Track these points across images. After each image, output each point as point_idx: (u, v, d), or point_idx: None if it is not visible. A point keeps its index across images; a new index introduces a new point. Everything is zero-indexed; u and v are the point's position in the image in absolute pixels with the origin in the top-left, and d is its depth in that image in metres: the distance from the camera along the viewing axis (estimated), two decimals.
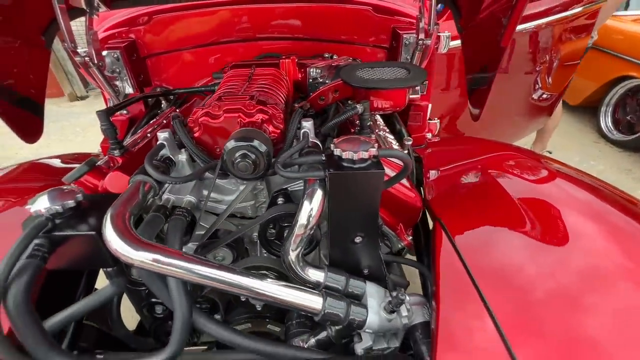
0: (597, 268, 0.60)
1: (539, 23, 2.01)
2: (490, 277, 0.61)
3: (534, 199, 0.79)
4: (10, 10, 0.91)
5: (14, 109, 0.96)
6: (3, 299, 0.50)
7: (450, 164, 1.08)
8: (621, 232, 0.68)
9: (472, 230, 0.73)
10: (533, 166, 0.96)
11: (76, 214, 0.58)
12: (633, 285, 0.57)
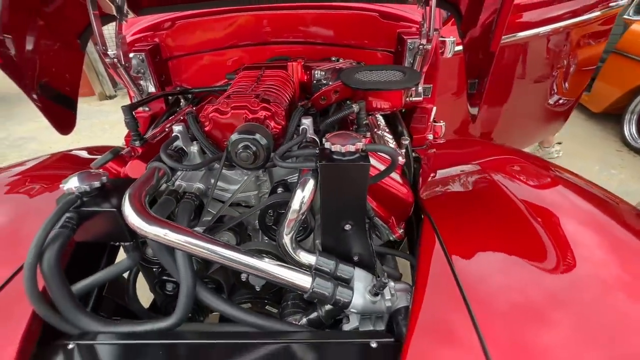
0: (583, 272, 0.61)
1: (556, 27, 1.99)
2: (472, 272, 0.64)
3: (528, 202, 0.79)
4: (52, 16, 1.03)
5: (52, 104, 1.07)
6: (39, 261, 0.59)
7: (449, 164, 1.12)
8: (614, 242, 0.68)
9: (460, 227, 0.76)
10: (532, 171, 0.97)
11: (101, 194, 0.67)
12: (609, 293, 0.58)
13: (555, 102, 2.50)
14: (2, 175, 1.02)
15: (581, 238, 0.70)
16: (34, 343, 0.59)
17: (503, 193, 0.84)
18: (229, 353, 0.59)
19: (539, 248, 0.67)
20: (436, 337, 0.55)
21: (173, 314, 0.65)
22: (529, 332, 0.52)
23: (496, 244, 0.70)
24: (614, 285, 0.59)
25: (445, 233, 0.73)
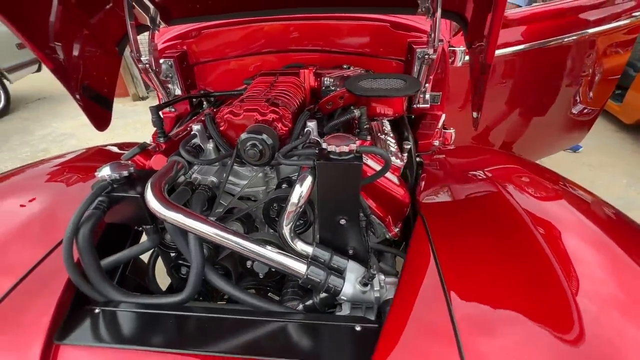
0: (573, 288, 0.60)
1: (582, 34, 1.94)
2: (456, 269, 0.67)
3: (527, 212, 0.79)
4: (95, 26, 1.17)
5: (91, 103, 1.21)
6: (75, 236, 0.70)
7: (452, 170, 1.15)
8: (612, 262, 0.67)
9: (452, 229, 0.79)
10: (537, 182, 0.95)
11: (128, 182, 0.77)
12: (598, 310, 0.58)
13: (580, 111, 2.43)
14: (45, 166, 1.16)
15: (577, 253, 0.69)
16: (67, 306, 0.70)
17: (501, 201, 0.85)
18: (228, 325, 0.67)
19: (528, 257, 0.68)
20: (412, 324, 0.60)
21: (184, 290, 0.74)
22: (502, 329, 0.55)
23: (485, 248, 0.73)
24: (606, 304, 0.58)
25: (436, 233, 0.78)
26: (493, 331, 0.56)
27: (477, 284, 0.64)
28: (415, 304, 0.63)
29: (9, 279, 0.70)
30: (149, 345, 0.63)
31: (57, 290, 0.70)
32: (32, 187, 1.03)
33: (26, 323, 0.64)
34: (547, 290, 0.61)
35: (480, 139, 2.34)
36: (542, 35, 1.81)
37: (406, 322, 0.60)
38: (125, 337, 0.66)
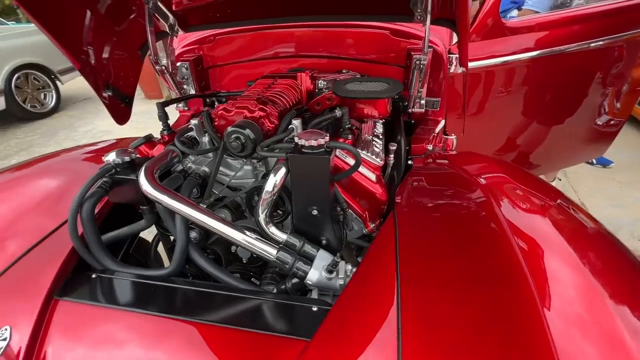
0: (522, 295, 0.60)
1: (613, 39, 1.82)
2: (414, 267, 0.68)
3: (508, 222, 0.77)
4: (121, 33, 1.32)
5: (115, 100, 1.36)
6: (80, 210, 0.81)
7: (441, 174, 1.17)
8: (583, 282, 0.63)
9: (419, 228, 0.81)
10: (526, 195, 0.93)
11: (130, 167, 0.88)
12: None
13: (605, 122, 2.31)
14: (77, 152, 1.31)
15: (548, 266, 0.67)
16: (69, 269, 0.81)
17: (478, 208, 0.85)
18: (204, 297, 0.74)
19: (493, 263, 0.68)
20: (358, 307, 0.64)
21: (170, 265, 0.83)
22: (445, 334, 0.56)
23: (449, 250, 0.74)
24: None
25: (404, 230, 0.80)
26: (435, 332, 0.56)
27: (431, 284, 0.65)
28: (365, 292, 0.67)
29: (24, 244, 0.83)
30: (136, 308, 0.72)
31: (62, 256, 0.81)
32: (60, 168, 1.18)
33: (32, 281, 0.75)
34: (504, 294, 0.62)
35: (498, 147, 2.28)
36: (564, 41, 1.74)
37: (353, 307, 0.64)
38: (116, 299, 0.76)
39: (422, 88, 1.26)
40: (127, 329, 0.69)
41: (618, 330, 0.54)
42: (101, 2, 1.19)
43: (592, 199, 2.77)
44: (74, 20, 1.14)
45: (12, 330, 0.66)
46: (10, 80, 4.57)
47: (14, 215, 0.91)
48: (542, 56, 1.69)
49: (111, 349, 0.65)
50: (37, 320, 0.68)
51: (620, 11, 1.59)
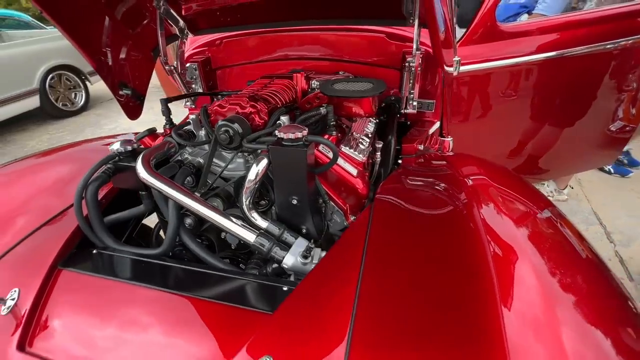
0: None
1: (630, 40, 1.75)
2: (380, 259, 0.72)
3: (484, 225, 0.77)
4: (136, 36, 1.43)
5: (128, 97, 1.48)
6: (86, 191, 0.91)
7: (427, 173, 1.19)
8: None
9: (394, 222, 0.85)
10: (508, 201, 0.92)
11: (132, 155, 0.97)
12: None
13: (619, 128, 2.24)
14: (97, 142, 1.43)
15: (513, 274, 0.66)
16: (73, 245, 0.91)
17: (458, 207, 0.87)
18: (191, 275, 0.82)
19: (460, 266, 0.69)
20: (321, 286, 0.68)
21: (162, 245, 0.91)
22: (399, 307, 0.60)
23: (416, 239, 0.78)
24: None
25: (377, 222, 0.84)
26: (389, 314, 0.59)
27: (394, 271, 0.68)
28: (329, 274, 0.72)
29: (35, 220, 0.93)
30: (130, 280, 0.80)
31: (67, 232, 0.91)
32: (78, 157, 1.30)
33: (40, 252, 0.85)
34: (466, 288, 0.63)
35: (504, 151, 2.24)
36: (568, 45, 1.71)
37: (316, 286, 0.69)
38: (113, 272, 0.84)
39: (413, 89, 1.29)
40: (120, 297, 0.77)
41: (571, 340, 0.55)
42: (118, 9, 1.31)
43: (606, 208, 2.68)
44: (93, 24, 1.26)
45: (20, 292, 0.76)
46: (45, 80, 4.92)
47: (30, 194, 1.03)
48: (545, 60, 1.67)
49: (105, 313, 0.74)
50: (41, 285, 0.77)
51: (626, 16, 1.57)
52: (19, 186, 1.11)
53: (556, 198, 2.77)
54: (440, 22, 1.03)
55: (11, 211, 0.99)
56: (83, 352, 0.68)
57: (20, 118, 4.91)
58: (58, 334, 0.71)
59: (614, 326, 0.60)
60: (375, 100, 1.15)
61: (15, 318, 0.73)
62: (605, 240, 2.37)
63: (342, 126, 1.21)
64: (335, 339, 0.57)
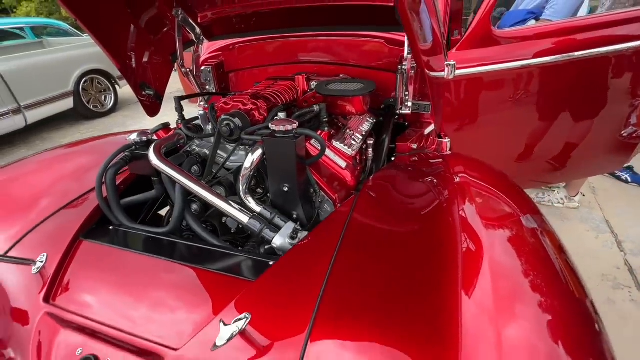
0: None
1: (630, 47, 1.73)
2: (358, 234, 0.80)
3: (460, 221, 0.81)
4: (157, 42, 1.59)
5: (148, 97, 1.64)
6: (106, 174, 1.04)
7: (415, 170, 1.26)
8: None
9: (375, 212, 0.93)
10: (489, 201, 0.94)
11: (146, 145, 1.10)
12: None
13: (630, 133, 2.20)
14: (122, 136, 1.59)
15: (480, 268, 0.68)
16: (93, 221, 1.04)
17: (439, 202, 0.92)
18: (193, 250, 0.93)
19: (426, 247, 0.75)
20: (299, 261, 0.77)
21: (169, 225, 1.02)
22: (367, 282, 0.67)
23: (393, 225, 0.85)
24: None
25: (360, 206, 0.93)
26: (356, 287, 0.67)
27: (367, 251, 0.76)
28: (308, 250, 0.80)
29: (61, 200, 1.07)
30: (139, 251, 0.92)
31: (88, 211, 1.04)
32: (101, 149, 1.45)
33: (65, 226, 0.99)
34: (432, 272, 0.69)
35: (511, 156, 2.21)
36: (567, 50, 1.70)
37: (295, 260, 0.78)
38: (125, 245, 0.97)
39: (407, 91, 1.37)
40: (130, 264, 0.89)
41: (525, 331, 0.58)
42: (142, 18, 1.47)
43: (619, 217, 2.62)
44: (120, 32, 1.42)
45: (48, 256, 0.89)
46: (79, 83, 5.30)
47: (57, 178, 1.18)
48: (544, 64, 1.67)
49: (116, 277, 0.86)
50: (65, 252, 0.91)
51: (624, 22, 1.58)
52: (49, 172, 1.26)
53: (567, 205, 2.73)
54: (428, 32, 1.11)
55: (41, 192, 1.14)
56: (96, 306, 0.79)
57: (55, 118, 5.30)
58: (76, 291, 0.84)
59: (568, 325, 0.61)
60: (367, 100, 1.24)
61: (43, 277, 0.86)
62: (616, 248, 2.32)
63: (337, 123, 1.30)
64: (306, 303, 0.66)
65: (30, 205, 1.08)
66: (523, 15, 2.46)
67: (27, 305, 0.81)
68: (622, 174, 3.06)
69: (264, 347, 0.63)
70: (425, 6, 1.03)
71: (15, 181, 1.22)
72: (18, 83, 4.42)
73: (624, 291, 1.98)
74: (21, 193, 1.14)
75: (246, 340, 0.64)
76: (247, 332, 0.64)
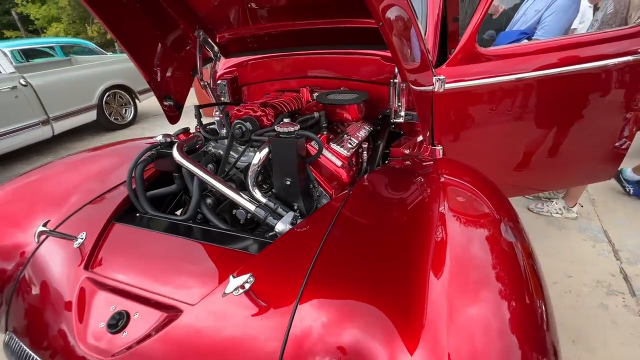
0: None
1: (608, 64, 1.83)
2: (348, 218, 0.94)
3: (441, 220, 0.89)
4: (181, 59, 1.81)
5: (170, 107, 1.84)
6: (136, 169, 1.22)
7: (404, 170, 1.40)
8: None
9: (367, 198, 1.08)
10: (472, 204, 1.00)
11: (170, 146, 1.28)
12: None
13: (621, 145, 2.28)
14: (139, 141, 1.78)
15: (447, 255, 0.77)
16: (123, 209, 1.21)
17: (422, 198, 1.03)
18: (207, 233, 1.08)
19: (405, 233, 0.87)
20: (295, 239, 0.91)
21: (187, 213, 1.18)
22: (350, 257, 0.82)
23: (380, 213, 0.99)
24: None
25: (352, 197, 1.07)
26: (341, 260, 0.81)
27: (352, 238, 0.89)
28: (303, 231, 0.95)
29: (102, 189, 1.25)
30: (163, 232, 1.08)
31: (119, 200, 1.21)
32: (122, 152, 1.64)
33: (100, 212, 1.16)
34: (407, 253, 0.80)
35: (501, 166, 2.28)
36: (553, 66, 1.81)
37: (291, 239, 0.92)
38: (151, 227, 1.13)
39: (399, 102, 1.53)
40: (153, 242, 1.05)
41: (481, 311, 0.67)
42: (168, 38, 1.69)
43: (618, 228, 2.67)
44: (149, 49, 1.64)
45: (87, 234, 1.06)
46: (103, 97, 5.66)
47: (90, 174, 1.36)
48: (524, 79, 1.78)
49: (142, 251, 1.02)
50: (100, 231, 1.07)
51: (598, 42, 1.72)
52: (83, 168, 1.45)
53: (565, 216, 2.80)
54: (417, 53, 1.28)
55: (77, 185, 1.32)
56: (126, 273, 0.95)
57: (79, 129, 5.65)
58: (109, 261, 1.00)
59: (519, 310, 0.68)
60: (362, 108, 1.40)
61: (82, 251, 1.03)
62: (612, 257, 2.37)
63: (336, 129, 1.46)
64: (299, 272, 0.80)
65: (71, 194, 1.26)
66: (516, 36, 2.63)
67: (70, 271, 0.98)
68: (628, 186, 3.10)
69: (264, 302, 0.77)
70: (414, 28, 1.20)
71: (55, 177, 1.41)
72: (48, 96, 4.78)
73: (617, 297, 2.03)
74: (61, 185, 1.33)
75: (249, 297, 0.78)
76: (250, 291, 0.78)
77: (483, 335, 0.63)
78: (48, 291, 0.96)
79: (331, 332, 0.69)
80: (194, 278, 0.89)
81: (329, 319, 0.71)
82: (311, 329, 0.71)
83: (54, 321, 0.90)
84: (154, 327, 0.81)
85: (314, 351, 0.68)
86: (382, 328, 0.66)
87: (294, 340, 0.70)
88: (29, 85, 4.55)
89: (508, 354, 0.61)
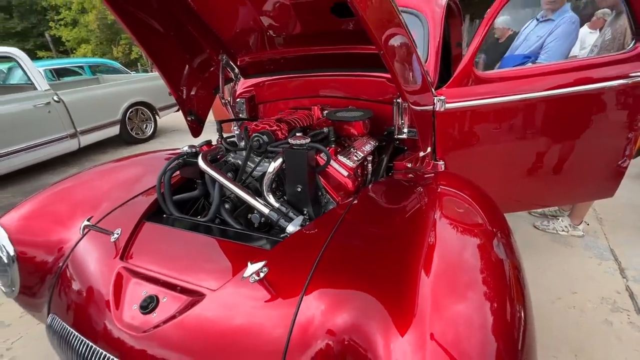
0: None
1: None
2: (354, 219, 1.07)
3: (429, 213, 1.02)
4: (203, 79, 2.00)
5: (194, 122, 2.02)
6: (165, 175, 1.38)
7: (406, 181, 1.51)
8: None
9: (371, 204, 1.20)
10: (468, 217, 1.06)
11: (194, 155, 1.44)
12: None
13: (622, 163, 2.33)
14: (160, 153, 1.96)
15: (436, 257, 0.86)
16: (151, 210, 1.36)
17: (420, 206, 1.12)
18: (224, 232, 1.21)
19: (401, 234, 0.97)
20: (304, 238, 1.04)
21: (209, 214, 1.32)
22: (353, 251, 0.94)
23: (380, 217, 1.10)
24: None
25: (358, 203, 1.19)
26: (345, 254, 0.93)
27: (354, 238, 1.01)
28: (310, 233, 1.07)
29: (130, 194, 1.41)
30: (187, 230, 1.22)
31: (148, 203, 1.37)
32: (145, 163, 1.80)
33: (132, 213, 1.31)
34: (401, 253, 0.90)
35: (502, 183, 2.35)
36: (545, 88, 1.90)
37: (301, 237, 1.05)
38: (176, 226, 1.27)
39: (402, 120, 1.66)
40: (179, 237, 1.19)
41: (464, 306, 0.75)
42: (195, 60, 1.90)
43: (624, 246, 2.68)
44: (178, 70, 1.84)
45: (121, 231, 1.21)
46: (126, 113, 6.02)
47: (122, 181, 1.52)
48: (520, 100, 1.88)
49: (168, 245, 1.15)
50: (133, 228, 1.22)
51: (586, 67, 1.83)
52: (117, 175, 1.62)
53: (571, 233, 2.82)
54: (417, 76, 1.42)
55: (111, 189, 1.48)
56: (156, 263, 1.08)
57: (102, 143, 5.98)
58: (141, 255, 1.13)
59: (500, 311, 0.75)
60: (367, 125, 1.55)
61: (117, 245, 1.17)
62: (618, 275, 2.38)
63: (343, 144, 1.60)
64: (306, 265, 0.92)
65: (103, 199, 1.43)
66: (520, 59, 2.77)
67: (107, 261, 1.12)
68: None
69: (275, 291, 0.88)
70: (414, 55, 1.35)
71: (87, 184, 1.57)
72: (77, 112, 5.13)
73: (622, 314, 2.04)
74: (94, 191, 1.49)
75: (263, 285, 0.90)
76: (264, 280, 0.90)
77: (465, 325, 0.72)
78: (88, 278, 1.10)
79: (333, 318, 0.80)
80: (214, 268, 1.02)
81: (331, 307, 0.82)
82: (315, 316, 0.82)
83: (93, 303, 1.03)
84: (179, 309, 0.93)
85: (317, 335, 0.79)
86: (378, 315, 0.77)
87: (300, 326, 0.81)
88: (61, 101, 4.91)
89: (486, 345, 0.69)
